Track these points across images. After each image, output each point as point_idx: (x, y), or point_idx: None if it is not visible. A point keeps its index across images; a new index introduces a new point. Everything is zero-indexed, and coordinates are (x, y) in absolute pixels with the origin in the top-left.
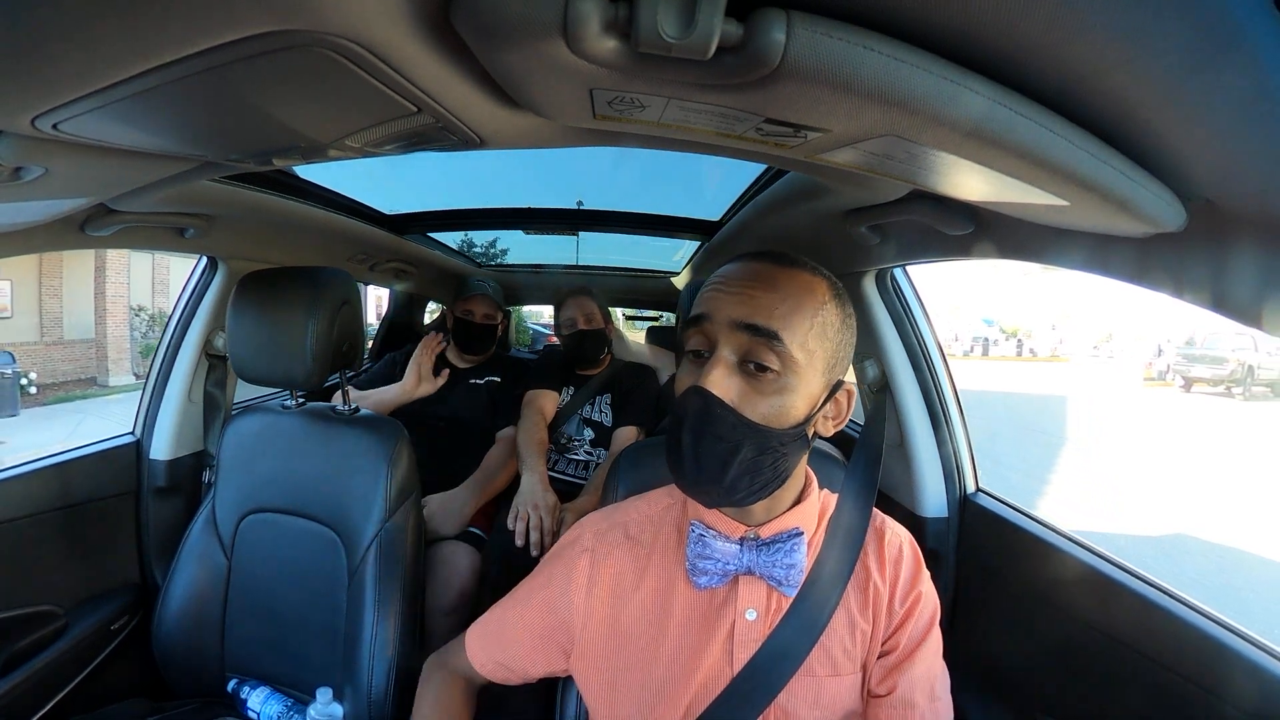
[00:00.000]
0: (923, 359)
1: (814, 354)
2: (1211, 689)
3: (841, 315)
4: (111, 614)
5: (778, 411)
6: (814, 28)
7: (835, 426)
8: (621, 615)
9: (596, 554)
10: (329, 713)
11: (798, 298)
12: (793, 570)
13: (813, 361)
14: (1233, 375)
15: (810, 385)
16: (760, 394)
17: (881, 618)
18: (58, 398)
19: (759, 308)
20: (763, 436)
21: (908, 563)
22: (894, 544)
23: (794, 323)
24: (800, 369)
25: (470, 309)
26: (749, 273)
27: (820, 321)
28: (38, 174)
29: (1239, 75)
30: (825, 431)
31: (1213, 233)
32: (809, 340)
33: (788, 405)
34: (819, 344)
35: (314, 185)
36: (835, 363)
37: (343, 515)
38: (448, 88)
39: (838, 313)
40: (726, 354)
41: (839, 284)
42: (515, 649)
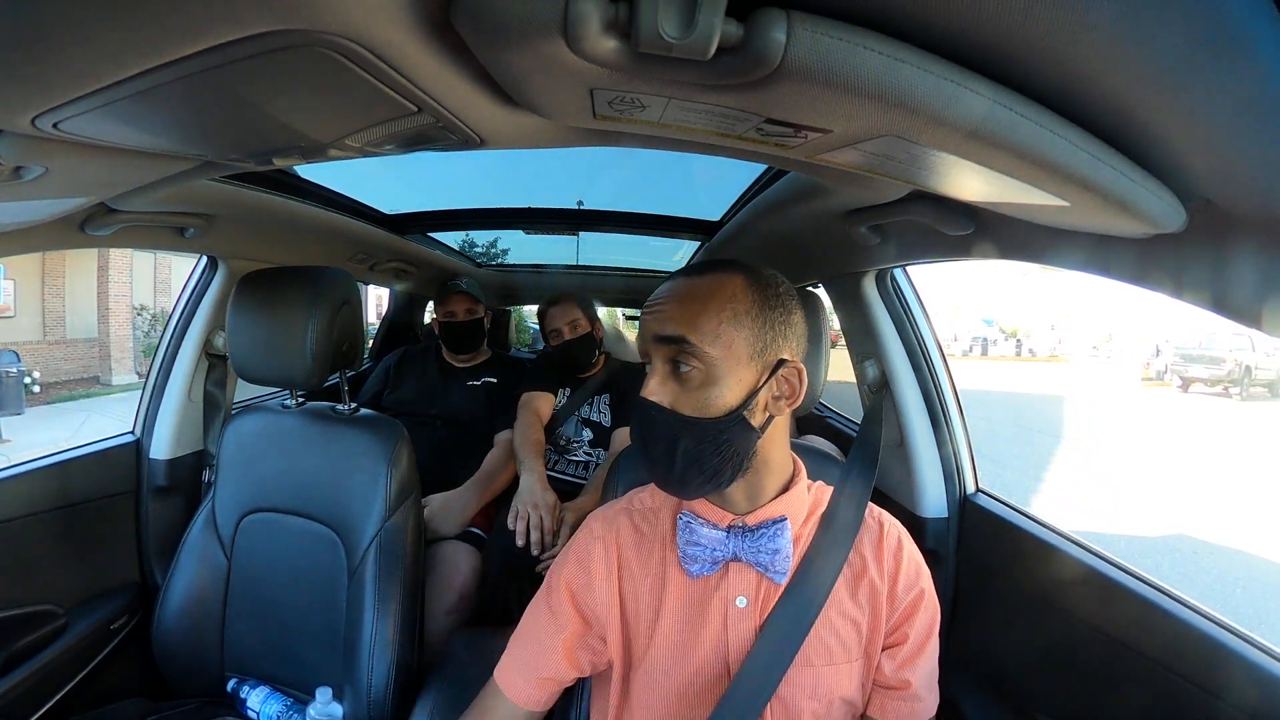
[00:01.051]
0: (922, 359)
1: (731, 344)
2: (1211, 689)
3: (761, 299)
4: (111, 613)
5: (706, 403)
6: (814, 28)
7: (790, 404)
8: (628, 601)
9: (606, 541)
10: (328, 712)
11: (704, 299)
12: (778, 556)
13: (731, 351)
14: (1230, 375)
15: (736, 373)
16: (687, 391)
17: (881, 609)
18: (61, 396)
19: (667, 319)
20: (697, 427)
21: (908, 556)
22: (892, 536)
23: (700, 323)
24: (717, 361)
25: (451, 310)
26: (665, 290)
27: (732, 311)
28: (38, 173)
29: (1239, 76)
30: (779, 411)
31: (1213, 233)
32: (721, 333)
33: (714, 396)
34: (734, 332)
35: (314, 185)
36: (765, 345)
37: (342, 515)
38: (448, 88)
39: (755, 298)
40: (659, 364)
41: (765, 274)
42: (553, 655)
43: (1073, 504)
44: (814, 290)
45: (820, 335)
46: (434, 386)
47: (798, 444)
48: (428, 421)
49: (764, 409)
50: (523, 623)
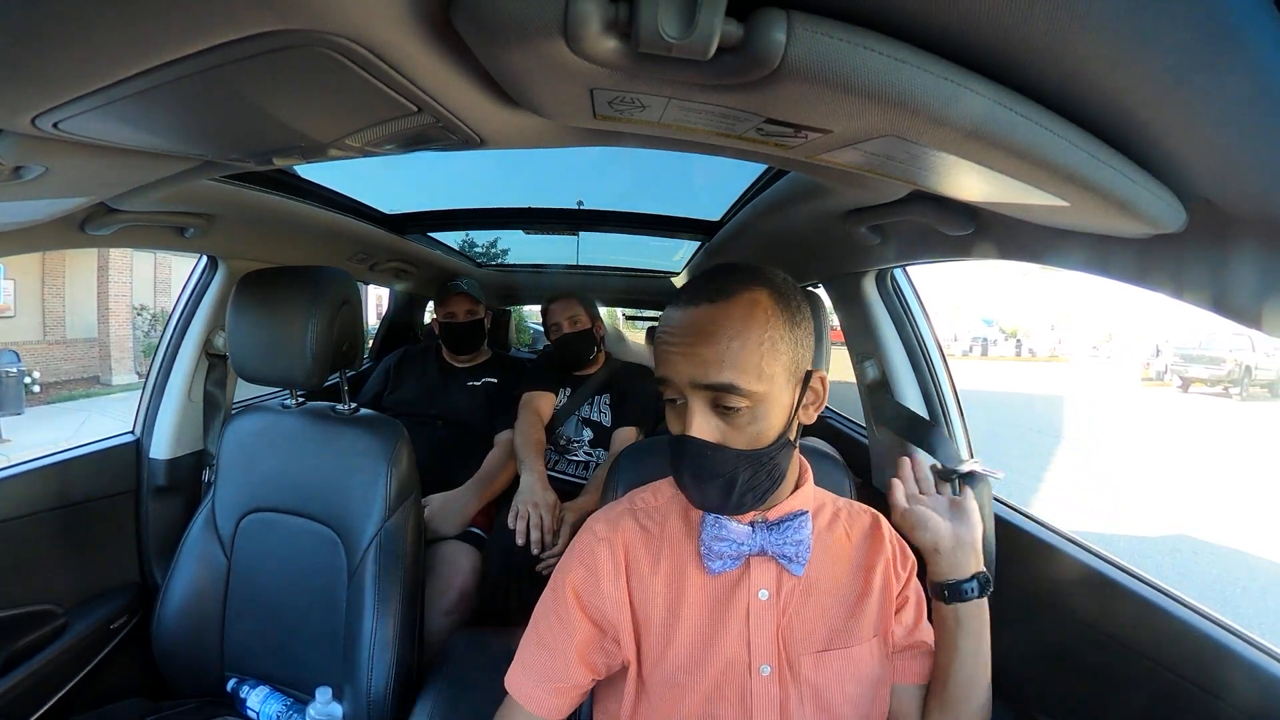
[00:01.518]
0: (923, 359)
1: (774, 375)
2: (1211, 689)
3: (790, 319)
4: (111, 613)
5: (757, 436)
6: (814, 28)
7: (817, 410)
8: (639, 602)
9: (612, 542)
10: (328, 712)
11: (742, 334)
12: (801, 546)
13: (774, 381)
14: (1230, 375)
15: (779, 399)
16: (738, 428)
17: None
18: (61, 396)
19: (708, 364)
20: (752, 459)
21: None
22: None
23: (742, 361)
24: (764, 396)
25: (451, 311)
26: (689, 325)
27: (769, 340)
28: (38, 173)
29: (1239, 76)
30: (808, 420)
31: (1213, 233)
32: (763, 367)
33: (764, 428)
34: (774, 363)
35: (314, 185)
36: (796, 365)
37: (342, 515)
38: (448, 88)
39: (785, 320)
40: (699, 403)
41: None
42: (569, 662)
43: (1073, 504)
44: (814, 290)
45: (822, 335)
46: (434, 387)
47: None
48: (428, 421)
49: (797, 424)
50: (530, 630)
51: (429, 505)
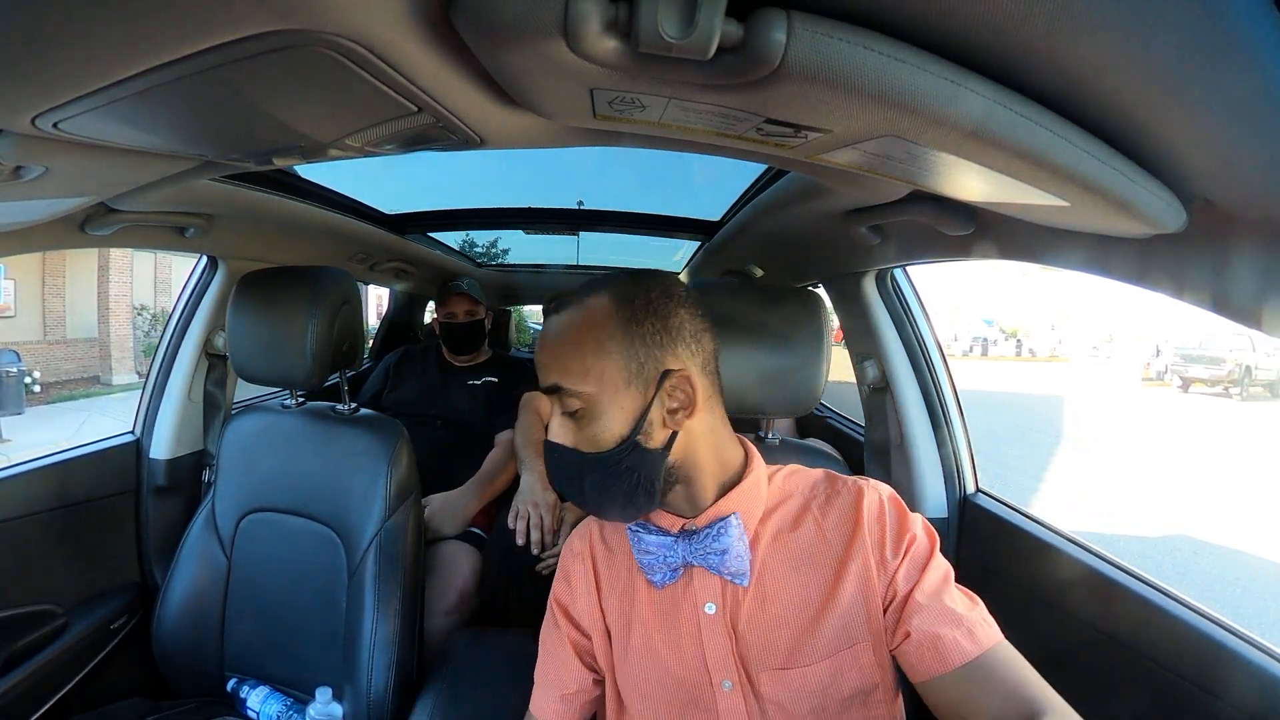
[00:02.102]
0: (923, 359)
1: (602, 375)
2: (1211, 689)
3: (626, 317)
4: (111, 613)
5: (595, 437)
6: (814, 28)
7: (688, 415)
8: (607, 614)
9: (583, 556)
10: (328, 712)
11: (569, 338)
12: (726, 556)
13: (604, 382)
14: (1230, 375)
15: (617, 402)
16: (579, 430)
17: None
18: (61, 396)
19: (544, 369)
20: (595, 461)
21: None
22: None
23: (568, 365)
24: (594, 396)
25: (452, 311)
26: (540, 339)
27: (595, 343)
28: (38, 173)
29: (1239, 76)
30: (678, 426)
31: (1213, 233)
32: (590, 368)
33: (601, 429)
34: (603, 363)
35: (314, 185)
36: (642, 364)
37: (343, 515)
38: (448, 88)
39: (619, 319)
40: (555, 407)
41: (629, 287)
42: (569, 665)
43: (1073, 504)
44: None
45: (820, 335)
46: (434, 386)
47: (798, 444)
48: (428, 421)
49: (662, 426)
50: (539, 649)
51: (429, 505)
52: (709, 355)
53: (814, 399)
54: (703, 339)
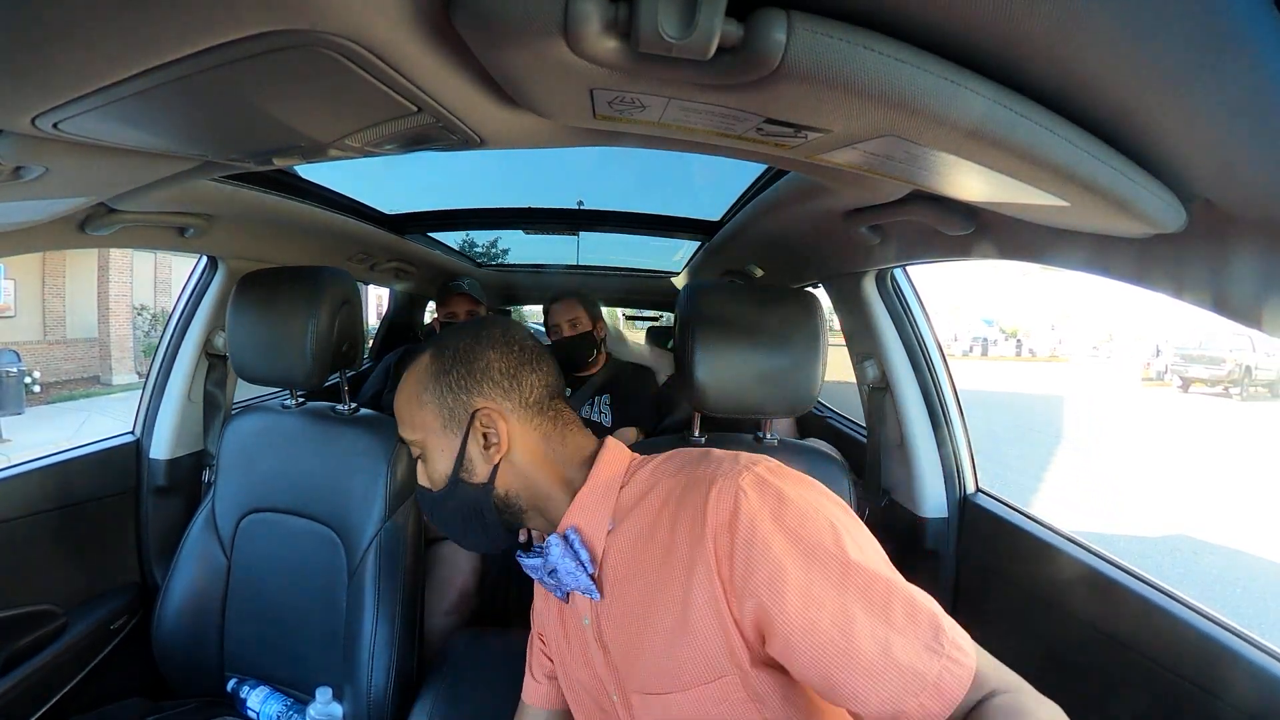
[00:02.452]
0: (923, 359)
1: (423, 423)
2: (1211, 689)
3: (437, 369)
4: (111, 614)
5: (431, 476)
6: (814, 28)
7: (501, 453)
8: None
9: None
10: (328, 712)
11: (401, 395)
12: (558, 574)
13: (425, 429)
14: (1230, 375)
15: (439, 445)
16: (423, 470)
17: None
18: (61, 396)
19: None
20: (434, 498)
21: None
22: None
23: (401, 416)
24: (420, 441)
25: (453, 312)
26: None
27: (416, 394)
28: (38, 173)
29: (1239, 76)
30: (494, 460)
31: (1213, 233)
32: (414, 417)
33: (432, 469)
34: (421, 412)
35: (314, 185)
36: (452, 408)
37: (343, 515)
38: (448, 87)
39: (431, 372)
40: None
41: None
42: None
43: (1073, 504)
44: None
45: (817, 335)
46: None
47: (796, 444)
48: None
49: (483, 462)
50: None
51: None
52: (530, 389)
53: (811, 399)
54: (521, 374)
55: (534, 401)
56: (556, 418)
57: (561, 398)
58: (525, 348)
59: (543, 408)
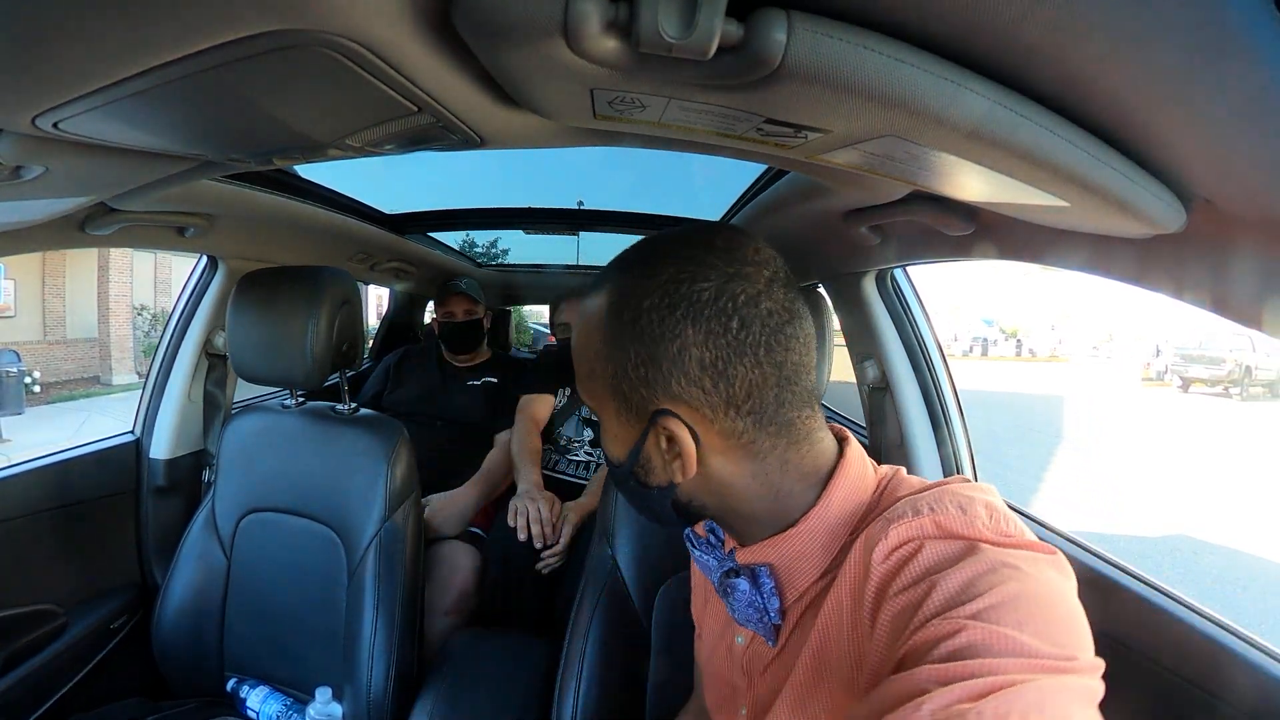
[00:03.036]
0: (923, 359)
1: (597, 396)
2: (1211, 690)
3: (614, 333)
4: (111, 613)
5: (607, 448)
6: (814, 28)
7: (685, 472)
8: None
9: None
10: (328, 712)
11: (576, 349)
12: (739, 607)
13: (597, 396)
14: (1230, 375)
15: (612, 428)
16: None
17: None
18: (61, 396)
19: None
20: (611, 467)
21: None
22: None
23: (579, 376)
24: (597, 411)
25: (450, 311)
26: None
27: (587, 361)
28: (38, 173)
29: (1239, 76)
30: (675, 477)
31: (1213, 233)
32: (586, 386)
33: (608, 445)
34: (593, 383)
35: (314, 185)
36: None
37: (342, 515)
38: (448, 87)
39: (608, 333)
40: None
41: (634, 286)
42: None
43: (1073, 504)
44: (815, 289)
45: (822, 334)
46: (434, 386)
47: None
48: (428, 421)
49: (662, 470)
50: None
51: (429, 505)
52: (744, 389)
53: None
54: (730, 368)
55: (747, 404)
56: (786, 429)
57: (810, 393)
58: (743, 320)
59: (762, 416)
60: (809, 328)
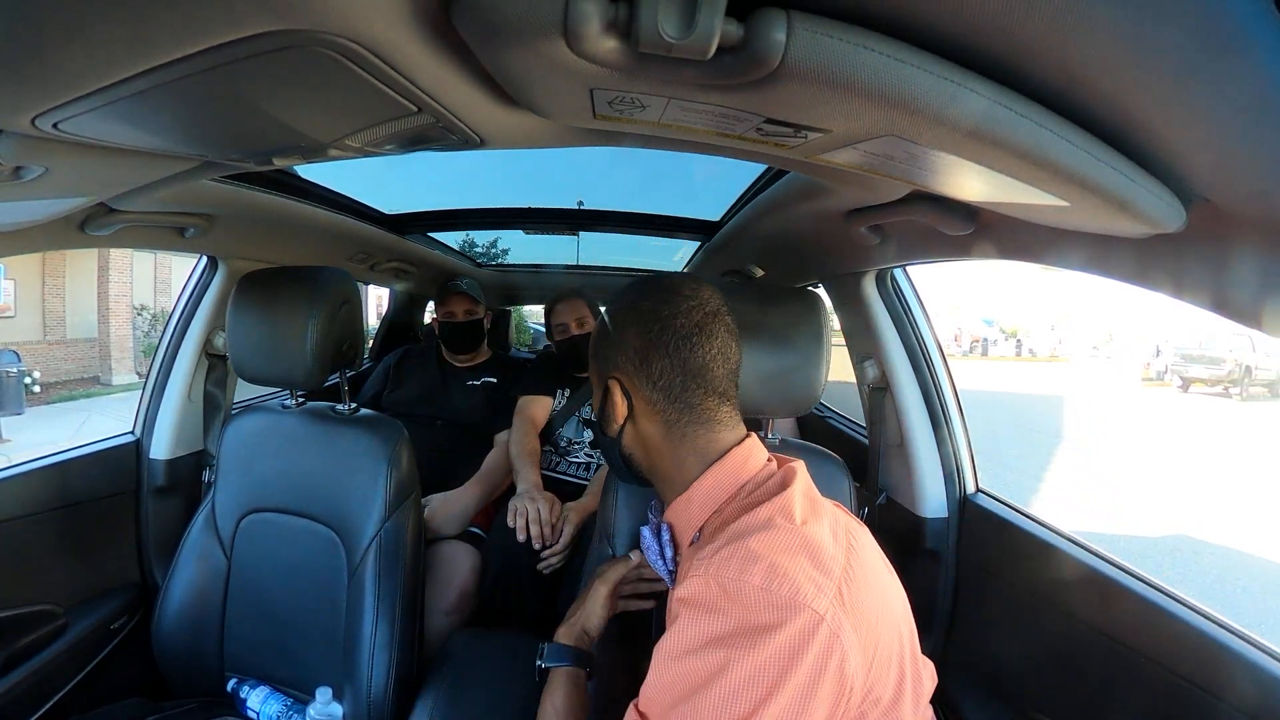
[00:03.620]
0: (923, 359)
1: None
2: (1211, 689)
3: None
4: (111, 614)
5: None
6: (814, 28)
7: (617, 422)
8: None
9: None
10: (328, 712)
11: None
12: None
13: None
14: (1230, 375)
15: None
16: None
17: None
18: (61, 396)
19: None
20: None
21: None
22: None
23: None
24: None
25: (451, 310)
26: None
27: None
28: (38, 173)
29: (1238, 76)
30: (619, 422)
31: (1212, 233)
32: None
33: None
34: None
35: (314, 185)
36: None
37: (343, 515)
38: (448, 88)
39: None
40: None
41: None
42: None
43: (1073, 504)
44: (814, 290)
45: (820, 334)
46: (434, 386)
47: (797, 444)
48: (428, 421)
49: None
50: None
51: (429, 505)
52: (659, 374)
53: (813, 398)
54: (651, 357)
55: (661, 383)
56: (689, 410)
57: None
58: (666, 330)
59: (673, 396)
60: (719, 342)
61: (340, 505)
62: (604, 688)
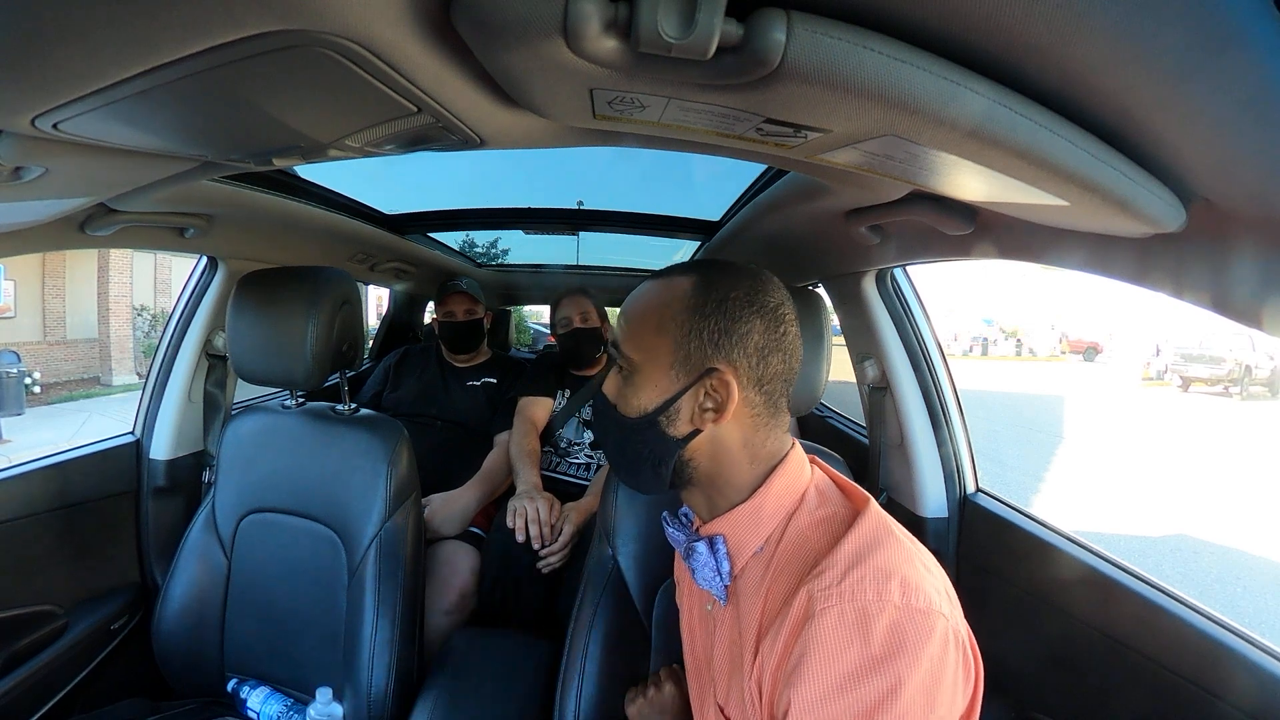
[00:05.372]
0: (923, 359)
1: (654, 349)
2: (1211, 689)
3: (698, 305)
4: (111, 614)
5: (627, 401)
6: (814, 28)
7: (717, 419)
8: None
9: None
10: (329, 712)
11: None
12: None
13: (653, 357)
14: (1230, 375)
15: (654, 378)
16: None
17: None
18: (61, 397)
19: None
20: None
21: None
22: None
23: (631, 329)
24: (638, 365)
25: (450, 310)
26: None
27: (659, 318)
28: (38, 174)
29: (1238, 76)
30: (703, 424)
31: (1212, 233)
32: (645, 339)
33: (633, 396)
34: (658, 339)
35: (314, 185)
36: (690, 353)
37: (343, 515)
38: (448, 88)
39: (692, 304)
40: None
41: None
42: None
43: (1073, 503)
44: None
45: (820, 334)
46: (434, 386)
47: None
48: (428, 421)
49: (689, 420)
50: None
51: (429, 505)
52: (770, 375)
53: (814, 398)
54: (770, 357)
55: (767, 391)
56: (776, 415)
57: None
58: (788, 331)
59: (772, 400)
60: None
61: (340, 505)
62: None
